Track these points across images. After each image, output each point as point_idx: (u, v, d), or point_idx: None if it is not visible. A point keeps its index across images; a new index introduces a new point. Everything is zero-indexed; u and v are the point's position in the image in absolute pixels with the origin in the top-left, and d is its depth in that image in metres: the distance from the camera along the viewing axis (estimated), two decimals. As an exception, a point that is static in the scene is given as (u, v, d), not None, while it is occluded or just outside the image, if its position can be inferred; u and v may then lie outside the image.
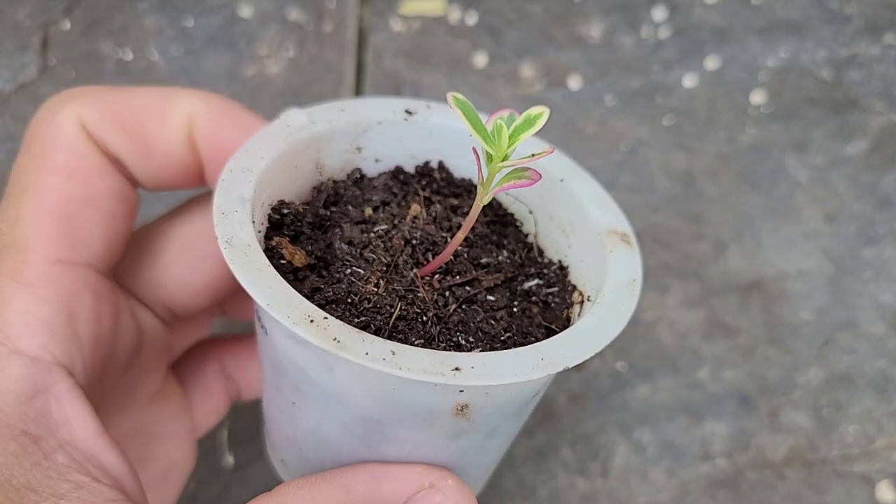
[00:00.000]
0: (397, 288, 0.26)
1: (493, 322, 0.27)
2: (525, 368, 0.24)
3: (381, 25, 0.51)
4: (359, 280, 0.27)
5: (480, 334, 0.27)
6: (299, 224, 0.29)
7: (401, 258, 0.28)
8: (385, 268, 0.27)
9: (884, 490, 0.46)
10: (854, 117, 0.51)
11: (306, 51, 0.50)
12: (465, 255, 0.29)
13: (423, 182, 0.32)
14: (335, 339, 0.23)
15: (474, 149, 0.26)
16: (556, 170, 0.32)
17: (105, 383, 0.30)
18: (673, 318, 0.48)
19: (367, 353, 0.22)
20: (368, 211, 0.30)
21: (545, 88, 0.51)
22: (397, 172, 0.33)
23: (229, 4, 0.50)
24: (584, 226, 0.31)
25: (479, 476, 0.32)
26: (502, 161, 0.25)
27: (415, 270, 0.27)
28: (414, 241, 0.28)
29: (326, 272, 0.28)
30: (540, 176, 0.26)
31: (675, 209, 0.50)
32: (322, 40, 0.51)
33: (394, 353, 0.23)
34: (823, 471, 0.47)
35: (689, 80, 0.52)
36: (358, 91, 0.51)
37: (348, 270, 0.27)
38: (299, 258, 0.27)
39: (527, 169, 0.26)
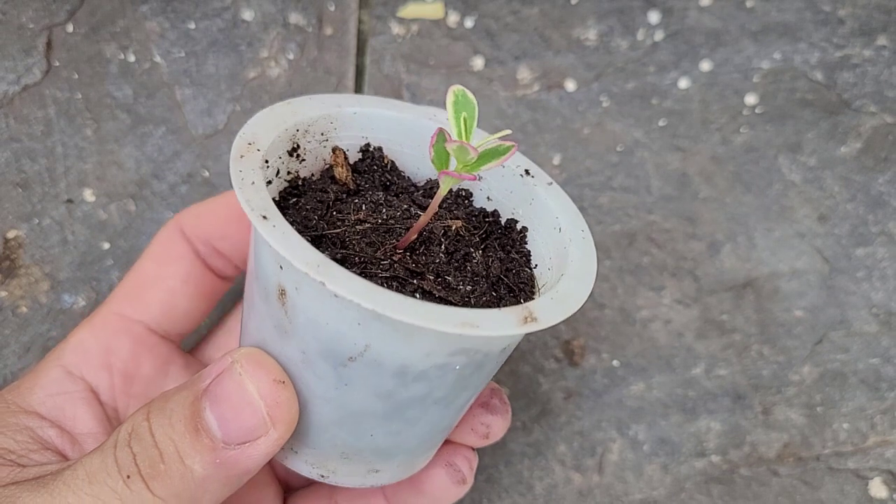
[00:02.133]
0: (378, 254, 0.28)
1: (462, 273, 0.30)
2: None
3: (381, 28, 0.52)
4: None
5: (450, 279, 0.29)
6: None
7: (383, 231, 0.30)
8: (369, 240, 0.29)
9: (876, 487, 0.47)
10: (847, 118, 0.52)
11: (307, 53, 0.51)
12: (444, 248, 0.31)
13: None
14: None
15: (439, 134, 0.28)
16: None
17: None
18: (668, 316, 0.49)
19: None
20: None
21: (542, 90, 0.52)
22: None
23: (231, 7, 0.51)
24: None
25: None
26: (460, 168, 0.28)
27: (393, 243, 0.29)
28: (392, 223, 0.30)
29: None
30: (475, 177, 0.28)
31: (670, 209, 0.51)
32: (322, 43, 0.51)
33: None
34: (817, 467, 0.47)
35: (684, 82, 0.52)
36: (358, 93, 0.51)
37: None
38: (345, 173, 0.31)
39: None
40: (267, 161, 0.30)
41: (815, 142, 0.52)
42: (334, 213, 0.31)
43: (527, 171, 0.34)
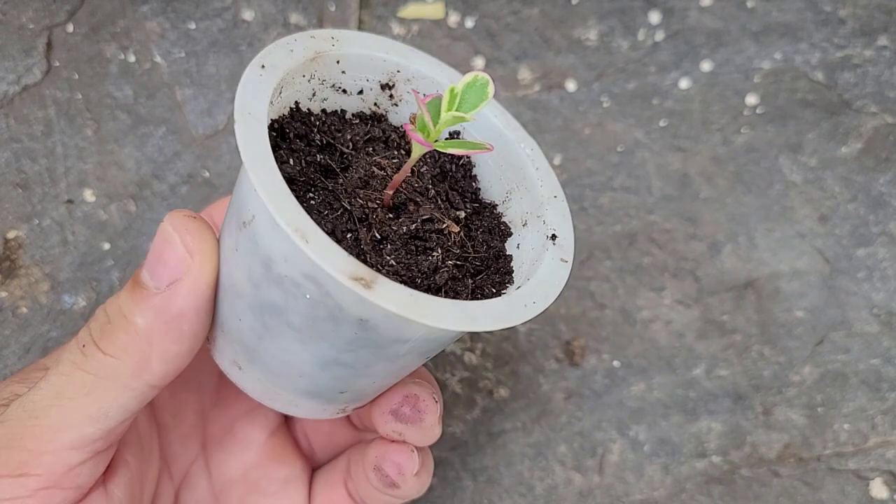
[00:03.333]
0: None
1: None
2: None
3: (382, 28, 0.52)
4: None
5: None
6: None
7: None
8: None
9: (877, 487, 0.47)
10: (848, 119, 0.52)
11: (307, 53, 0.51)
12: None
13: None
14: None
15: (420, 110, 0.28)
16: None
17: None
18: (668, 316, 0.49)
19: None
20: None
21: (542, 90, 0.52)
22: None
23: (231, 7, 0.51)
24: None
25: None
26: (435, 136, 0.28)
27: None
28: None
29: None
30: (430, 146, 0.28)
31: (671, 210, 0.50)
32: (322, 43, 0.51)
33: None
34: (818, 468, 0.47)
35: (685, 83, 0.52)
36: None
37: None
38: None
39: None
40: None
41: (816, 142, 0.52)
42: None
43: (553, 237, 0.33)
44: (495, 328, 0.26)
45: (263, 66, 0.30)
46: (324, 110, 0.34)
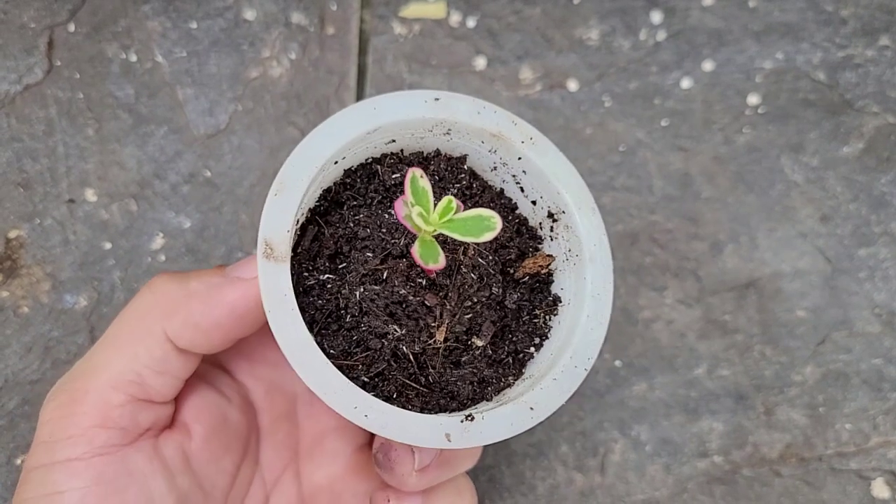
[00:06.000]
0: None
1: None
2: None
3: (383, 28, 0.52)
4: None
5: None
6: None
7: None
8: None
9: (879, 487, 0.47)
10: (849, 118, 0.52)
11: (309, 53, 0.51)
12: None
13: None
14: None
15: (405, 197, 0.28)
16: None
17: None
18: (670, 316, 0.49)
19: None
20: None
21: (544, 90, 0.52)
22: None
23: (233, 7, 0.51)
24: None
25: None
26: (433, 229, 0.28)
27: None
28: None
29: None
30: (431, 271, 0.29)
31: (673, 209, 0.50)
32: (324, 43, 0.51)
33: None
34: (819, 468, 0.47)
35: (686, 82, 0.52)
36: (360, 93, 0.51)
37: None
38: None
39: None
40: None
41: (818, 142, 0.52)
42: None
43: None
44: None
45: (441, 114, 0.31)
46: (505, 192, 0.35)
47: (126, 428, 0.32)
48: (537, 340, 0.33)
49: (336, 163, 0.32)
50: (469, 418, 0.28)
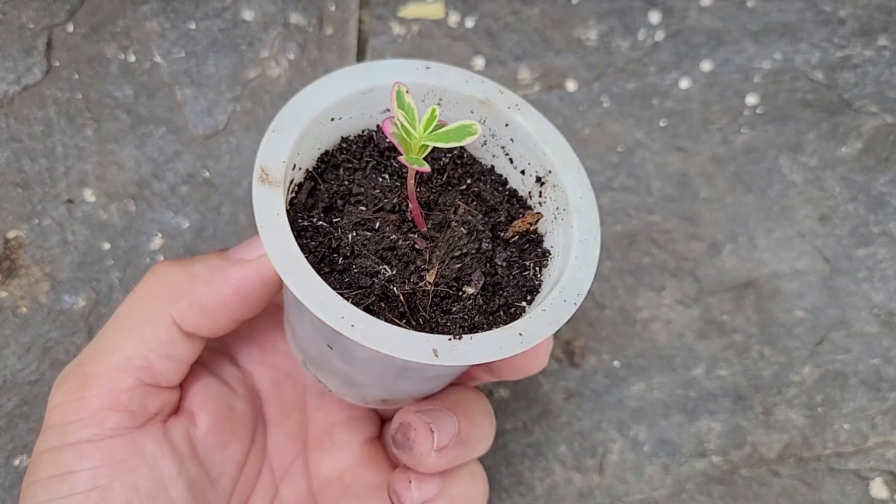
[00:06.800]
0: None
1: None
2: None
3: (382, 28, 0.52)
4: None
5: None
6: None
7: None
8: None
9: (877, 487, 0.47)
10: (848, 119, 0.52)
11: (307, 53, 0.51)
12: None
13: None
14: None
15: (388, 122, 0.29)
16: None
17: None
18: (668, 316, 0.49)
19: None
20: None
21: (542, 90, 0.52)
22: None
23: (231, 7, 0.51)
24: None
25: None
26: (418, 150, 0.29)
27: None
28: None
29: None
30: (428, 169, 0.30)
31: (671, 210, 0.50)
32: (323, 43, 0.51)
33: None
34: (818, 468, 0.47)
35: (685, 83, 0.52)
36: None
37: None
38: None
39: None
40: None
41: (816, 142, 0.52)
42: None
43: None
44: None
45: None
46: (495, 169, 0.36)
47: (135, 411, 0.32)
48: (528, 297, 0.33)
49: (332, 120, 0.33)
50: (457, 337, 0.29)
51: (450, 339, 0.28)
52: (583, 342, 0.48)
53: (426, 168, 0.28)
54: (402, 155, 0.29)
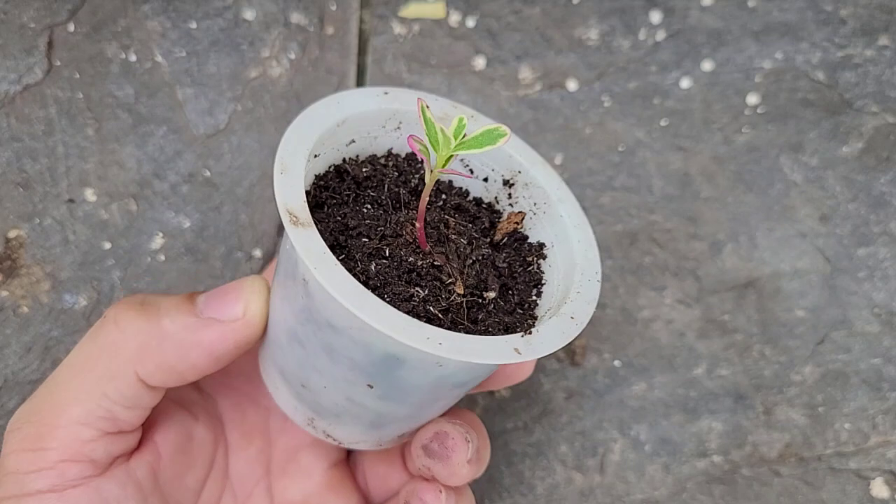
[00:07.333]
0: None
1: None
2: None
3: (383, 28, 0.52)
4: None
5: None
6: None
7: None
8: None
9: (878, 487, 0.47)
10: (849, 118, 0.52)
11: (308, 53, 0.51)
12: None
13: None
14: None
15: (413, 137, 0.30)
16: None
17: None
18: (669, 316, 0.49)
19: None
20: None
21: (543, 90, 0.52)
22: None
23: (232, 7, 0.51)
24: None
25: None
26: (443, 164, 0.29)
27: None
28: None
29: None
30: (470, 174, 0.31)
31: (672, 209, 0.50)
32: (324, 43, 0.51)
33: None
34: (818, 468, 0.47)
35: (686, 82, 0.52)
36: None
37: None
38: None
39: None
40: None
41: (817, 142, 0.52)
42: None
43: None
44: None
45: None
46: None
47: (97, 460, 0.31)
48: (536, 289, 0.34)
49: (316, 156, 0.33)
50: (528, 332, 0.29)
51: (522, 336, 0.29)
52: (583, 341, 0.48)
53: (467, 174, 0.29)
54: (427, 171, 0.29)
